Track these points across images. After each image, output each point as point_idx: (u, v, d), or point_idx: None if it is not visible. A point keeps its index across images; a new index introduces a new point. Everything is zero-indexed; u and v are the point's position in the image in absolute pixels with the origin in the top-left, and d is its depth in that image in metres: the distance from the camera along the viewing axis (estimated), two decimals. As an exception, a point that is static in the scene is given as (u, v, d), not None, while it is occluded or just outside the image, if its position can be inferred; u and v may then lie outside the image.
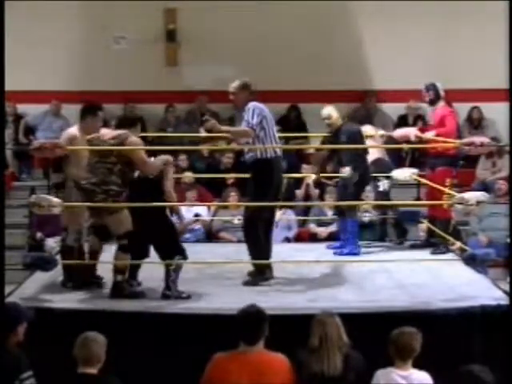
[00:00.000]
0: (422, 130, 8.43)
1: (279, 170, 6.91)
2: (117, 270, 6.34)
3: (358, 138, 8.02)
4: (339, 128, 8.06)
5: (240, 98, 6.87)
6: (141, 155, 6.33)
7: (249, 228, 6.86)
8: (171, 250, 6.41)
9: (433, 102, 8.14)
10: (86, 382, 4.51)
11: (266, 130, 6.75)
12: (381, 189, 8.62)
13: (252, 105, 6.76)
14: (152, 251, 6.57)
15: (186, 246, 8.60)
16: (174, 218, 6.72)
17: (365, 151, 8.10)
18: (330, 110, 8.16)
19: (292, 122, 12.22)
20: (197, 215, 9.97)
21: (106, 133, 6.55)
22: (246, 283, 6.73)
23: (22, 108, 12.42)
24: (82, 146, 6.61)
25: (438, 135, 7.95)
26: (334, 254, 7.98)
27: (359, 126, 8.42)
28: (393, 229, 9.01)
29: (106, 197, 6.25)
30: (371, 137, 8.60)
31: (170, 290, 6.32)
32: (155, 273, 6.53)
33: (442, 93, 8.11)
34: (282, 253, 8.11)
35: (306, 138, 11.59)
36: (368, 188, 8.65)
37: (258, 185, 6.78)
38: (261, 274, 6.77)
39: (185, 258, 6.46)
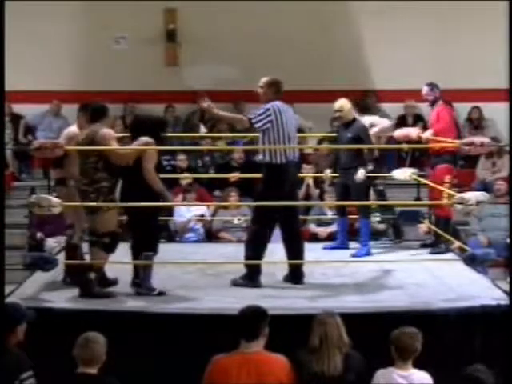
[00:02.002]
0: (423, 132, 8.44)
1: (291, 176, 6.69)
2: (92, 268, 6.31)
3: (365, 135, 7.98)
4: (349, 122, 8.03)
5: (265, 93, 6.72)
6: (116, 151, 6.30)
7: (253, 228, 6.78)
8: (143, 244, 6.37)
9: (435, 102, 8.14)
10: (85, 382, 4.52)
11: (279, 134, 6.56)
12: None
13: (271, 105, 6.59)
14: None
15: (186, 246, 8.65)
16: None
17: (370, 151, 8.06)
18: (343, 102, 8.10)
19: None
20: (202, 215, 9.94)
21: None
22: (235, 283, 6.65)
23: (21, 108, 12.43)
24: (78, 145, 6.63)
25: (435, 133, 7.97)
26: (352, 256, 7.83)
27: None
28: (391, 229, 9.02)
29: (98, 195, 6.27)
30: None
31: (140, 287, 6.34)
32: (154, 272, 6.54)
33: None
34: (282, 253, 8.10)
35: (303, 137, 11.60)
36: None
37: (266, 189, 6.68)
38: (251, 280, 6.65)
39: (155, 253, 6.41)
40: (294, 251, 6.80)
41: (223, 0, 11.98)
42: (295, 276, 6.79)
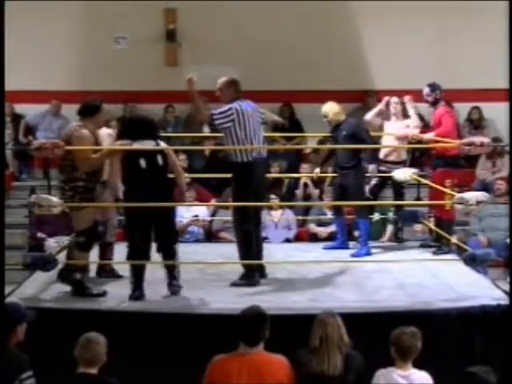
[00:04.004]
0: (424, 132, 8.43)
1: (259, 173, 6.78)
2: (75, 268, 6.35)
3: (359, 131, 7.96)
4: (339, 124, 8.05)
5: (226, 94, 6.82)
6: (82, 156, 6.27)
7: (237, 230, 6.87)
8: (174, 247, 6.42)
9: (436, 103, 8.12)
10: (86, 382, 4.52)
11: (241, 133, 6.65)
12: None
13: (233, 105, 6.67)
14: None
15: (186, 246, 8.64)
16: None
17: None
18: (327, 107, 8.12)
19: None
20: (196, 216, 9.95)
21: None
22: (234, 284, 6.69)
23: (21, 108, 12.43)
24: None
25: (437, 136, 7.96)
26: (352, 256, 7.84)
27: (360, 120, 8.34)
28: (392, 228, 9.03)
29: (74, 194, 6.30)
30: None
31: (175, 287, 6.37)
32: (155, 273, 6.54)
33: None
34: (282, 253, 8.12)
35: (302, 137, 11.62)
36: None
37: (237, 188, 6.78)
38: (249, 278, 6.71)
39: None
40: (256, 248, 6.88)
41: (223, 0, 11.99)
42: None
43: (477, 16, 12.14)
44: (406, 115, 8.57)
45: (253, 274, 6.72)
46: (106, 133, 7.02)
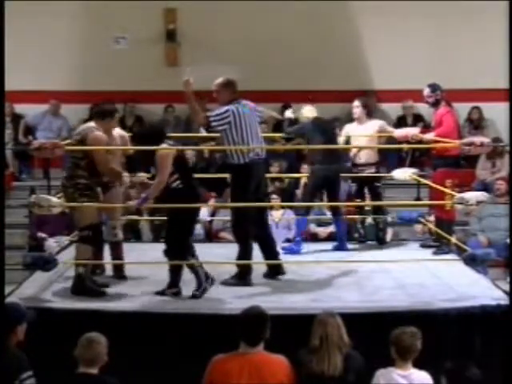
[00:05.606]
0: (424, 132, 8.44)
1: (257, 173, 6.78)
2: (78, 263, 6.39)
3: (304, 133, 8.06)
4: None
5: (222, 95, 6.79)
6: (100, 155, 6.34)
7: (235, 230, 6.89)
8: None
9: (436, 104, 8.11)
10: (86, 382, 4.52)
11: (237, 135, 6.63)
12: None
13: (230, 107, 6.65)
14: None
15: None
16: None
17: (330, 151, 8.02)
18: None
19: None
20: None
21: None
22: (224, 283, 6.66)
23: (21, 108, 12.44)
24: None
25: (437, 136, 7.95)
26: (283, 249, 7.85)
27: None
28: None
29: (75, 191, 6.36)
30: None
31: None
32: (158, 274, 6.55)
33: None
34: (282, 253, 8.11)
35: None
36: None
37: (236, 189, 6.77)
38: (241, 279, 6.71)
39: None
40: (268, 248, 6.91)
41: (223, 0, 11.99)
42: (273, 272, 6.91)
43: (477, 16, 12.14)
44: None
45: (245, 276, 6.71)
46: (118, 134, 7.01)
